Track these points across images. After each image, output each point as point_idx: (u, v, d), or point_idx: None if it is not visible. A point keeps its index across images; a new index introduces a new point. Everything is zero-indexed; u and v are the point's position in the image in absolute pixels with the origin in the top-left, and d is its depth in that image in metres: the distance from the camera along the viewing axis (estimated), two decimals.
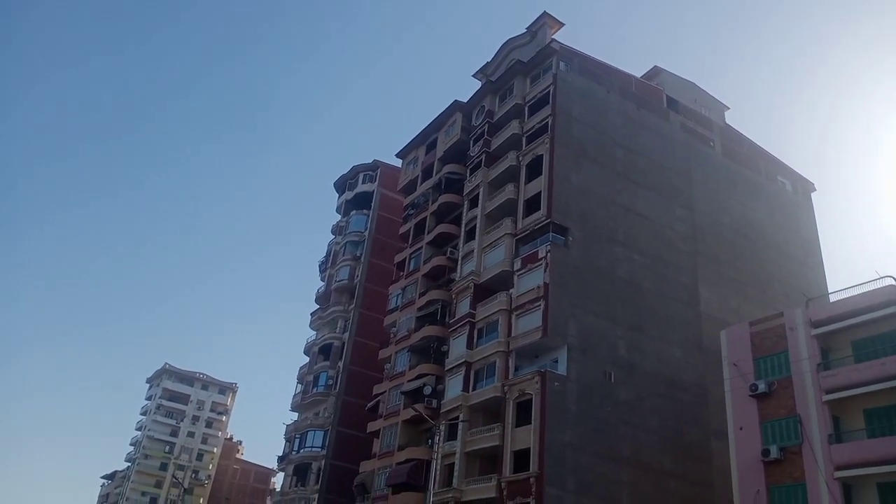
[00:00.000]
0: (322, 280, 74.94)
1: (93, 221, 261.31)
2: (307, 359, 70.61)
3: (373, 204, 72.04)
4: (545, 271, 42.93)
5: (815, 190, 62.24)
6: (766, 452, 28.92)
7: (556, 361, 41.50)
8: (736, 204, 54.76)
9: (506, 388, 41.97)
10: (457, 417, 44.12)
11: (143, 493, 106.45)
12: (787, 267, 54.50)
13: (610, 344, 42.90)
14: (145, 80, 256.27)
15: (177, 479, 69.08)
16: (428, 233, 59.50)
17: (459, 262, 52.59)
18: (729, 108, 61.88)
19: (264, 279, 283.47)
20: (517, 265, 45.64)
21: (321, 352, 67.18)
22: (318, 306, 73.17)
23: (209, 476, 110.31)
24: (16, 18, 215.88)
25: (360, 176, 74.71)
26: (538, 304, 42.33)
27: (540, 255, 43.93)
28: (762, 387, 30.62)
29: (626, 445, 40.19)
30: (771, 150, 63.04)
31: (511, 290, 45.28)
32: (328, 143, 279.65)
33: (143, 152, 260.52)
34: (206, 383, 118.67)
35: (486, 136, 54.46)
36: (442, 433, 42.91)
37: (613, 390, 41.46)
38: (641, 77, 56.84)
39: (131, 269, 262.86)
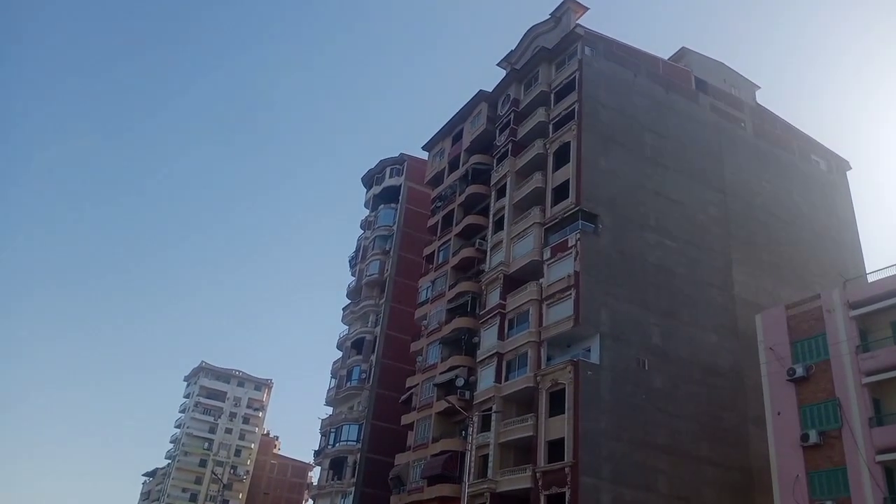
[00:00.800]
0: (352, 275, 75.43)
1: (120, 220, 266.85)
2: (340, 353, 71.27)
3: (400, 197, 72.18)
4: (575, 260, 42.61)
5: (851, 168, 60.75)
6: (805, 437, 28.38)
7: (589, 350, 41.20)
8: (769, 185, 53.70)
9: (538, 378, 41.82)
10: (490, 409, 44.11)
11: (184, 490, 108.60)
12: (823, 248, 53.32)
13: (643, 331, 42.46)
14: (179, 61, 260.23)
15: (216, 475, 70.29)
16: (456, 224, 59.46)
17: (488, 253, 52.49)
18: (760, 88, 60.58)
19: (297, 276, 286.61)
20: (547, 254, 45.37)
21: (354, 346, 67.71)
22: (350, 301, 73.70)
23: (247, 471, 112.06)
24: (19, 16, 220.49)
25: (388, 170, 74.92)
26: (569, 293, 42.04)
27: (570, 244, 43.59)
28: (800, 371, 30.03)
29: (662, 433, 39.80)
30: (804, 128, 61.71)
31: (541, 280, 45.05)
32: (355, 138, 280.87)
33: (171, 149, 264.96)
34: (242, 380, 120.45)
35: (512, 125, 54.14)
36: (475, 424, 42.96)
37: (648, 378, 41.05)
38: (669, 59, 55.97)
39: (164, 269, 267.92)
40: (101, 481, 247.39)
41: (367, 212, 77.39)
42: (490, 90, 58.94)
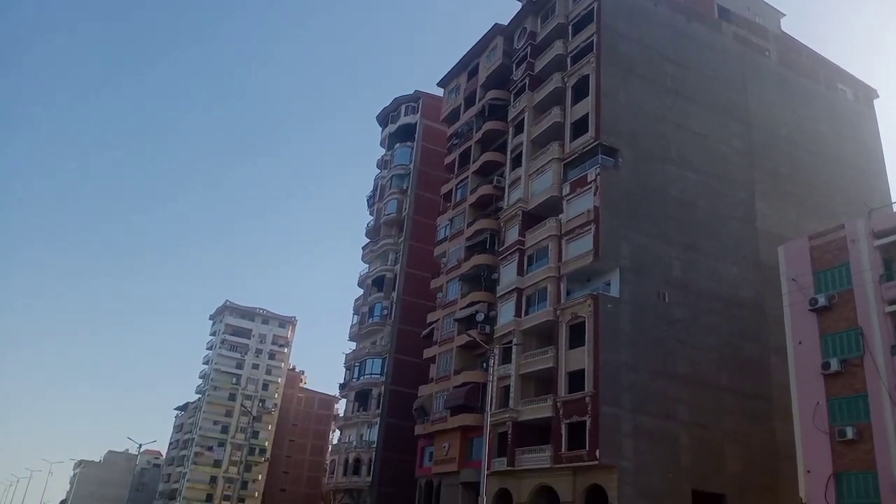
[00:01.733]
0: (371, 214, 75.77)
1: (148, 164, 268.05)
2: (361, 291, 72.40)
3: (416, 135, 71.66)
4: (595, 195, 42.46)
5: (878, 97, 59.26)
6: (826, 365, 28.76)
7: (609, 284, 41.51)
8: (794, 115, 52.62)
9: (558, 312, 42.38)
10: (510, 342, 44.97)
11: (215, 422, 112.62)
12: (849, 178, 52.59)
13: (664, 265, 42.61)
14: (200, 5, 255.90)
15: (245, 407, 72.80)
16: (473, 162, 59.15)
17: (506, 189, 52.37)
18: (785, 15, 58.64)
19: (317, 215, 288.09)
20: (566, 190, 45.22)
21: (374, 284, 68.68)
22: (369, 240, 74.30)
23: (275, 404, 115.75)
24: None
25: (403, 108, 74.11)
26: (588, 228, 42.09)
27: (589, 179, 43.36)
28: (822, 301, 30.16)
29: (683, 363, 40.45)
30: (830, 57, 60.13)
31: (560, 216, 45.06)
32: (370, 77, 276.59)
33: (192, 96, 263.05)
34: (266, 318, 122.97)
35: (528, 59, 53.06)
36: (496, 357, 43.79)
37: (668, 310, 41.45)
38: None
39: (189, 213, 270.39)
40: (137, 415, 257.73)
41: (382, 151, 77.06)
42: (506, 23, 57.56)
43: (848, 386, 28.21)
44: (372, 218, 75.04)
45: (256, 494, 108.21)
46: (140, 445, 67.25)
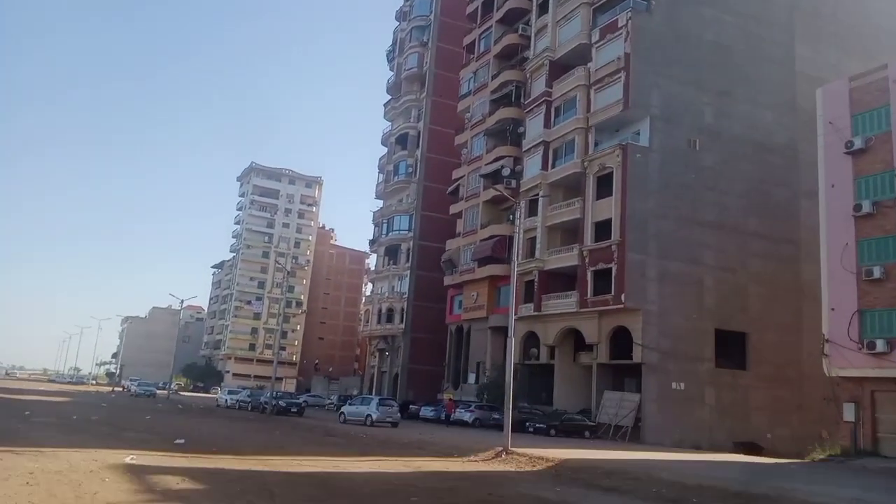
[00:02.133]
0: (391, 70, 73.70)
1: (169, 23, 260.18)
2: (385, 149, 72.12)
3: None
4: (626, 41, 40.64)
5: None
6: (857, 207, 28.62)
7: (638, 133, 40.79)
8: None
9: (586, 163, 42.08)
10: (537, 195, 45.16)
11: (251, 279, 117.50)
12: (893, 17, 49.27)
13: (695, 111, 41.48)
14: None
15: (279, 263, 75.39)
16: (497, 9, 56.36)
17: (532, 38, 50.26)
18: None
19: (337, 73, 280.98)
20: (595, 37, 43.27)
21: (398, 142, 68.19)
22: (391, 97, 72.85)
23: (308, 261, 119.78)
24: None
25: None
26: (619, 76, 40.69)
27: (620, 24, 41.32)
28: (858, 143, 29.44)
29: (711, 210, 40.52)
30: None
31: (589, 65, 43.48)
32: None
33: None
34: (293, 178, 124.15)
35: None
36: (522, 210, 44.19)
37: (698, 157, 40.92)
38: None
39: (211, 73, 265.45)
40: (177, 275, 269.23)
41: (401, 2, 73.48)
42: None
43: (878, 227, 28.19)
44: (392, 74, 73.07)
45: (296, 343, 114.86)
46: (182, 301, 70.39)
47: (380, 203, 72.61)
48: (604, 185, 40.76)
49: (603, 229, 40.22)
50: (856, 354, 27.62)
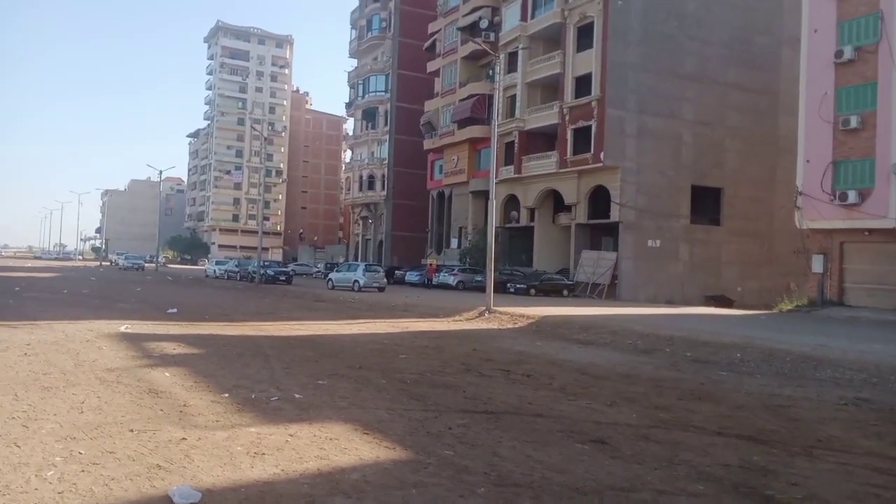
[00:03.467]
0: None
1: None
2: (357, 2, 68.49)
3: None
4: None
5: None
6: (839, 54, 28.07)
7: None
8: None
9: (566, 13, 40.43)
10: (516, 48, 43.73)
11: (228, 147, 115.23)
12: None
13: None
14: None
15: (255, 129, 73.57)
16: None
17: None
18: None
19: None
20: None
21: None
22: None
23: (284, 126, 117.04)
24: None
25: None
26: None
27: None
28: None
29: (691, 61, 39.62)
30: None
31: None
32: None
33: None
34: (263, 38, 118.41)
35: None
36: (502, 65, 42.87)
37: (681, 5, 39.41)
38: None
39: None
40: (153, 145, 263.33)
41: None
42: None
43: (858, 74, 27.83)
44: None
45: (279, 213, 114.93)
46: (161, 172, 69.31)
47: (354, 63, 70.07)
48: (584, 37, 39.47)
49: (583, 85, 39.43)
50: (827, 206, 28.24)
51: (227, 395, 8.27)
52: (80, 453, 5.59)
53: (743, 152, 40.91)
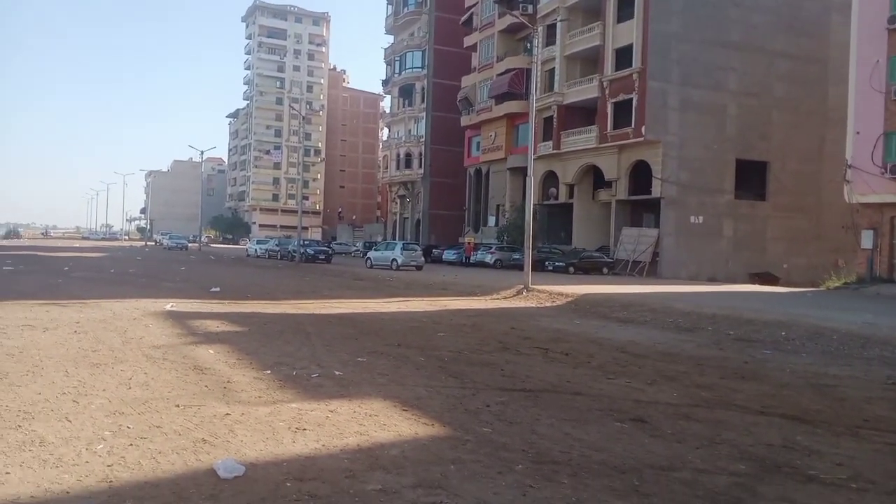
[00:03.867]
0: None
1: None
2: None
3: None
4: None
5: None
6: (892, 20, 26.85)
7: None
8: None
9: None
10: (555, 20, 43.00)
11: (268, 127, 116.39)
12: None
13: None
14: None
15: (294, 108, 74.22)
16: None
17: None
18: None
19: None
20: None
21: None
22: None
23: (322, 105, 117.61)
24: None
25: None
26: None
27: None
28: None
29: (736, 29, 38.41)
30: None
31: None
32: None
33: None
34: (300, 16, 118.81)
35: None
36: (540, 38, 42.20)
37: None
38: None
39: None
40: (194, 127, 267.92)
41: None
42: None
43: None
44: None
45: (318, 192, 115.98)
46: (202, 153, 70.43)
47: (390, 39, 69.82)
48: (625, 7, 38.58)
49: (624, 57, 38.61)
50: (878, 179, 27.26)
51: (269, 371, 8.43)
52: (128, 428, 5.77)
53: (790, 124, 39.65)
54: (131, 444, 5.32)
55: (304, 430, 5.90)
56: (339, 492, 4.47)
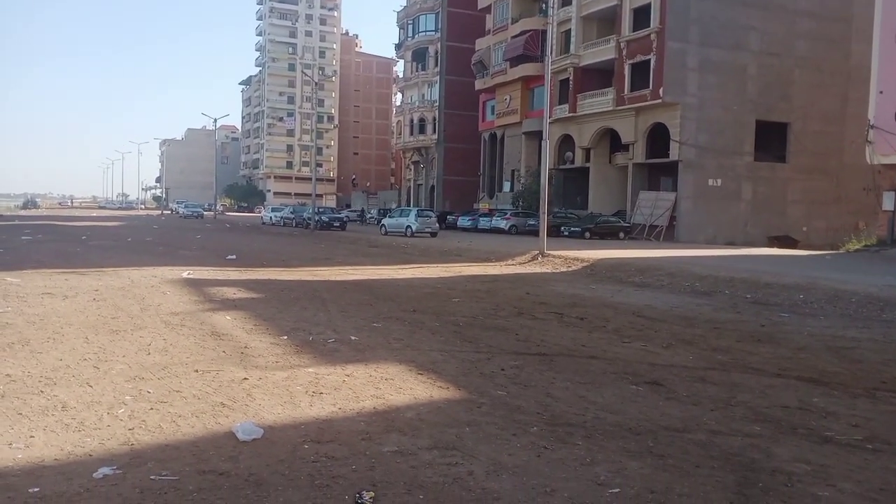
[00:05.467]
0: None
1: None
2: None
3: None
4: None
5: None
6: None
7: None
8: None
9: None
10: None
11: (281, 94, 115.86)
12: None
13: None
14: None
15: (307, 75, 73.75)
16: None
17: None
18: None
19: None
20: None
21: None
22: None
23: (335, 71, 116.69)
24: None
25: None
26: None
27: None
28: None
29: None
30: None
31: None
32: None
33: None
34: None
35: None
36: None
37: None
38: None
39: None
40: (207, 94, 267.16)
41: None
42: None
43: None
44: None
45: (332, 159, 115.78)
46: (215, 121, 70.30)
47: (403, 2, 68.81)
48: None
49: (642, 17, 37.82)
50: None
51: (285, 337, 8.51)
52: (148, 392, 5.87)
53: (812, 84, 38.78)
54: (152, 408, 5.41)
55: (321, 393, 5.97)
56: (355, 453, 4.52)
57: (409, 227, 36.16)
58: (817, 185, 39.23)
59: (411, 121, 64.78)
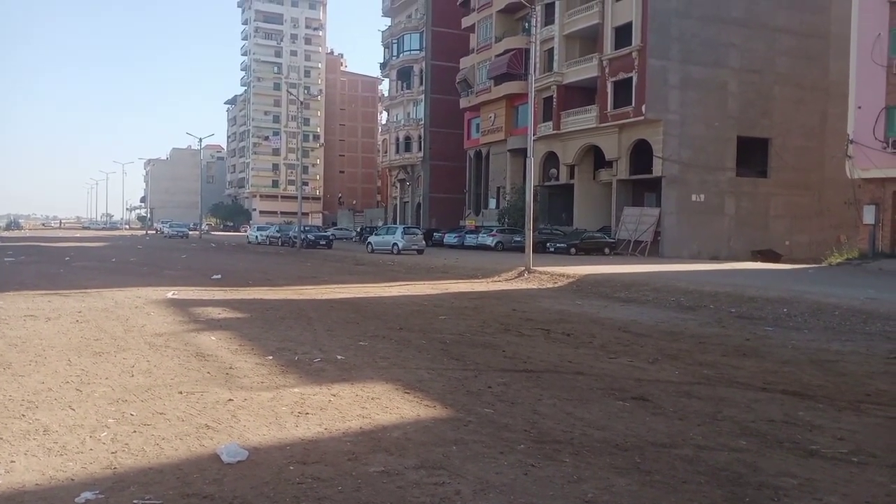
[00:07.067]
0: None
1: None
2: None
3: None
4: None
5: None
6: None
7: None
8: None
9: None
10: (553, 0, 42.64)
11: (266, 113, 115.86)
12: None
13: None
14: None
15: (292, 94, 73.89)
16: None
17: None
18: None
19: None
20: None
21: None
22: None
23: (320, 90, 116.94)
24: None
25: None
26: None
27: None
28: None
29: (738, 4, 38.10)
30: None
31: None
32: None
33: None
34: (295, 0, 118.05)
35: None
36: (538, 17, 41.89)
37: None
38: None
39: None
40: (192, 114, 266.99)
41: None
42: None
43: None
44: None
45: (318, 177, 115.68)
46: (200, 140, 70.12)
47: (388, 22, 69.31)
48: None
49: (623, 35, 38.32)
50: (880, 154, 27.13)
51: (271, 357, 8.45)
52: (131, 415, 5.80)
53: (792, 100, 39.41)
54: (135, 431, 5.34)
55: (307, 414, 5.93)
56: (341, 474, 4.49)
57: (395, 244, 36.15)
58: (799, 200, 39.73)
59: (397, 139, 65.00)
